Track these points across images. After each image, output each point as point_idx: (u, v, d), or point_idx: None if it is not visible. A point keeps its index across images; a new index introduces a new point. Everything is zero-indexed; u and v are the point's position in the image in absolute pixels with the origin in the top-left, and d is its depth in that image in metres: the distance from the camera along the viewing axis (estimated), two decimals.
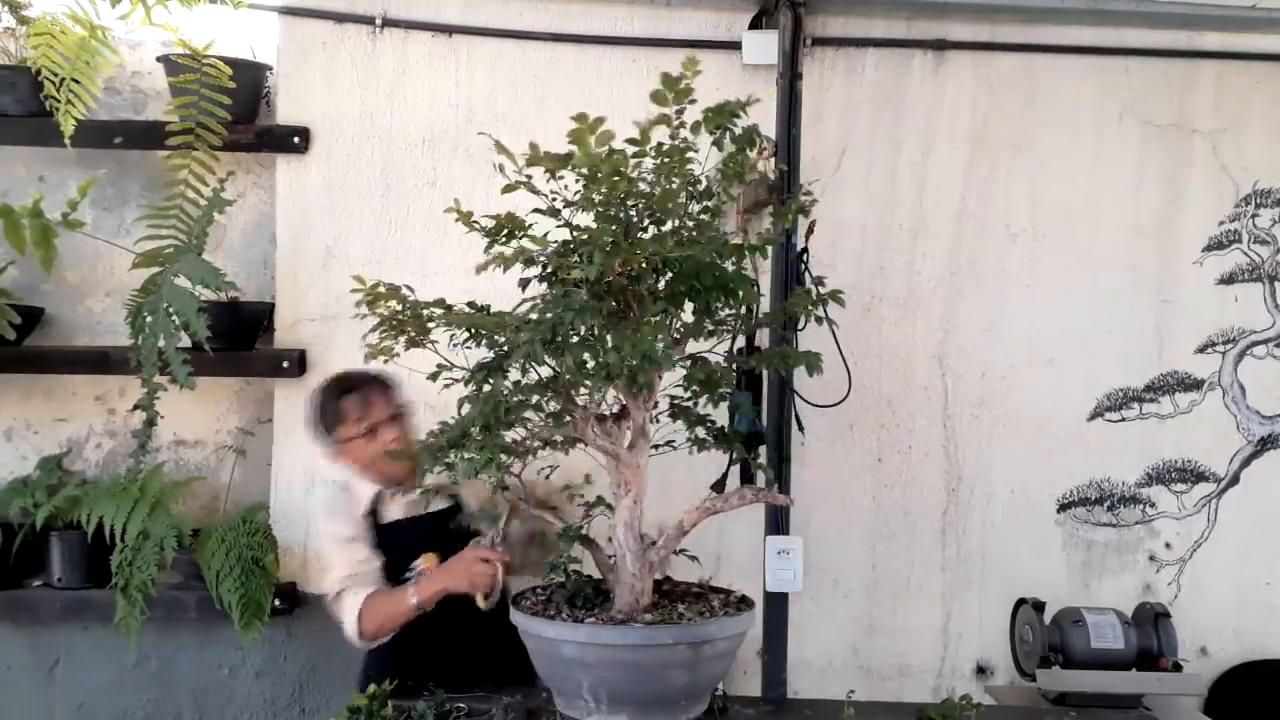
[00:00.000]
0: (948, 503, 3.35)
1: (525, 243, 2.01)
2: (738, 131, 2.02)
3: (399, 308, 2.10)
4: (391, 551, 2.58)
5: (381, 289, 2.09)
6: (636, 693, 2.03)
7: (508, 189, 1.98)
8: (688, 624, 2.04)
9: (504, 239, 2.06)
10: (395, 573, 2.56)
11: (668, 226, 2.04)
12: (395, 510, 2.62)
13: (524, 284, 2.07)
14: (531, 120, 3.17)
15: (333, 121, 3.19)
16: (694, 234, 2.04)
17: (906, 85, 3.30)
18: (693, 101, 1.94)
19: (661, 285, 2.05)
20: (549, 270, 2.03)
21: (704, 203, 2.07)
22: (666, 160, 1.92)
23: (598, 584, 2.23)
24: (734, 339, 2.43)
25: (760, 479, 2.86)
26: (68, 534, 3.07)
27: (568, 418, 2.10)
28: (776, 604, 2.85)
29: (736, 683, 3.09)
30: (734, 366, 2.38)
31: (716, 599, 2.22)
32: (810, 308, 2.21)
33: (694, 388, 2.15)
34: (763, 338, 2.82)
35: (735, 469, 2.74)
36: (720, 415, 2.41)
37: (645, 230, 2.04)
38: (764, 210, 3.09)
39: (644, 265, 1.94)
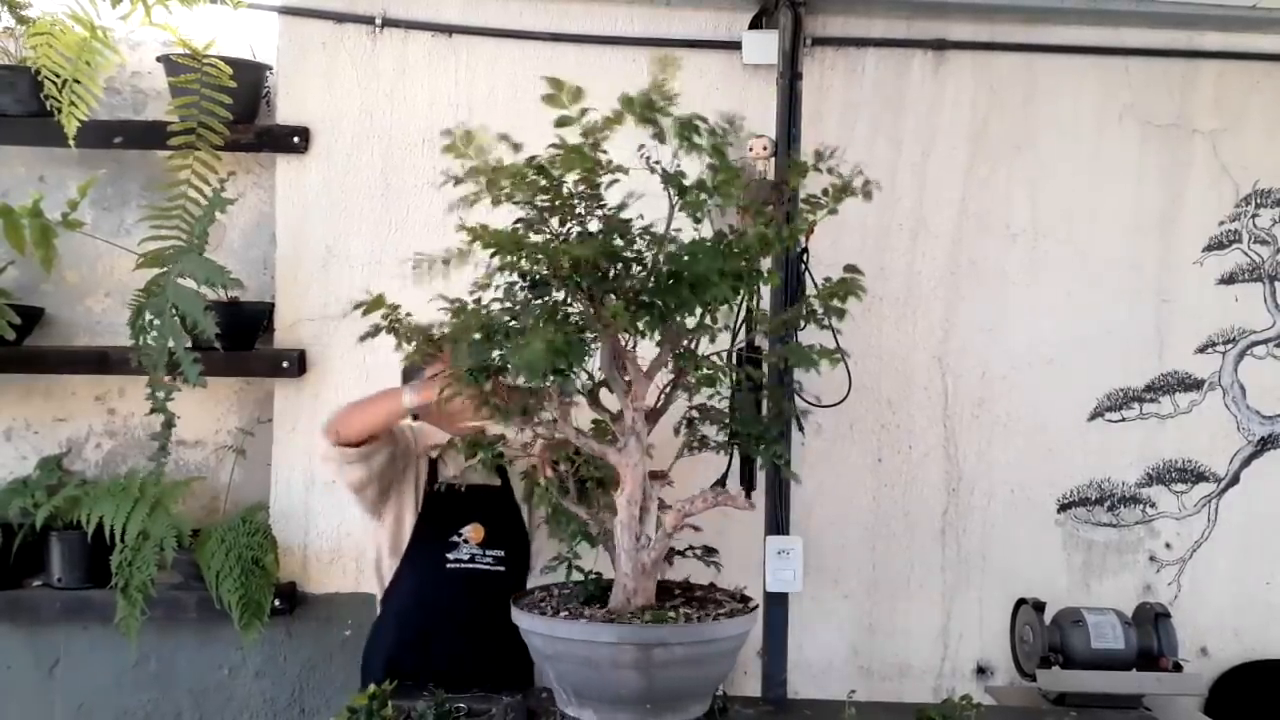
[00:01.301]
0: (948, 503, 3.35)
1: (477, 246, 2.00)
2: (703, 140, 1.96)
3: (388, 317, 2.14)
4: (439, 514, 2.62)
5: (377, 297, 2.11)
6: (594, 690, 1.99)
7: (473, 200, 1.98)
8: (639, 625, 1.95)
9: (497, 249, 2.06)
10: (440, 537, 2.61)
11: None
12: (452, 469, 2.65)
13: (477, 285, 2.05)
14: (531, 120, 3.16)
15: (333, 121, 3.19)
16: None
17: (906, 85, 3.30)
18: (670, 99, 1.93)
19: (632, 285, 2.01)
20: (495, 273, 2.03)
21: (688, 198, 2.03)
22: (570, 155, 1.92)
23: (606, 583, 2.22)
24: (735, 337, 2.41)
25: (761, 480, 2.87)
26: (67, 534, 3.07)
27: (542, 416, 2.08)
28: (776, 604, 2.85)
29: (736, 683, 3.09)
30: (735, 365, 2.36)
31: (728, 605, 2.16)
32: (837, 300, 2.18)
33: (703, 388, 2.12)
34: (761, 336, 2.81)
35: (734, 470, 2.73)
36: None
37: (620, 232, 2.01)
38: (765, 210, 3.08)
39: (583, 264, 1.91)
